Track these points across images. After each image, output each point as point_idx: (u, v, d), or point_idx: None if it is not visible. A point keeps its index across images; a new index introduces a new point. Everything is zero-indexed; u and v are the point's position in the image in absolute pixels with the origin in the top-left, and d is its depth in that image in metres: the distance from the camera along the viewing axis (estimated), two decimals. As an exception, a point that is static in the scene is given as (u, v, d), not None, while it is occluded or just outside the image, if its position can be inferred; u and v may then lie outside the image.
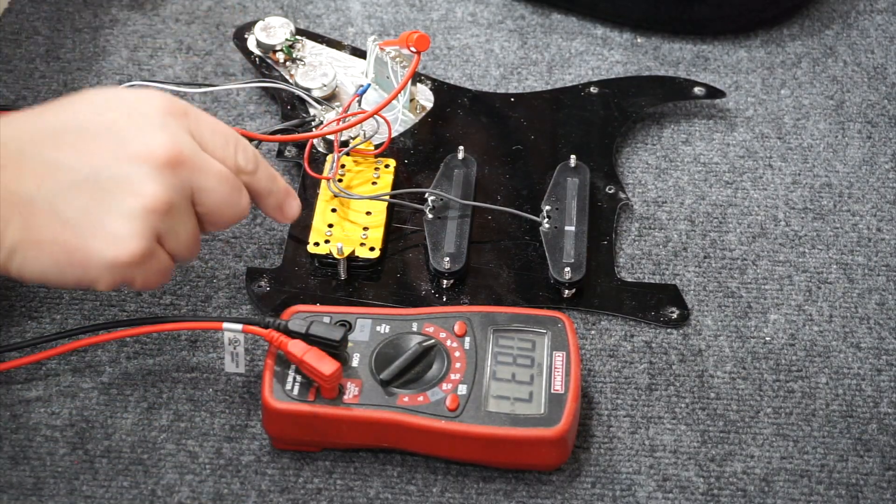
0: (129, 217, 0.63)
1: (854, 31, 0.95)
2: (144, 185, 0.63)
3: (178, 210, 0.65)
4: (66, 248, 0.63)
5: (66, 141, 0.64)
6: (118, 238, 0.63)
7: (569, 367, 0.69)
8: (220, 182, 0.66)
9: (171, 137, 0.64)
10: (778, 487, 0.70)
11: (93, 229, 0.63)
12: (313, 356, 0.67)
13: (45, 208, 0.63)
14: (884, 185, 0.85)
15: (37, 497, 0.68)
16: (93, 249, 0.63)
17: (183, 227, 0.65)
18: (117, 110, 0.65)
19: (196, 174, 0.65)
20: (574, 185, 0.81)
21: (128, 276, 0.64)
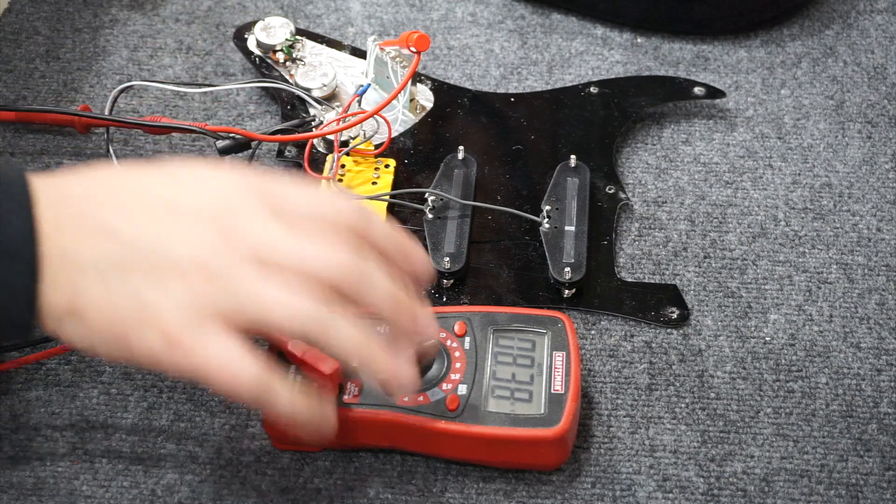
0: (175, 299, 0.59)
1: (854, 31, 0.95)
2: (195, 266, 0.59)
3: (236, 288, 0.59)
4: (108, 323, 0.59)
5: (145, 212, 0.60)
6: (160, 323, 0.59)
7: (569, 367, 0.69)
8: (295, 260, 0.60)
9: (255, 228, 0.60)
10: (778, 487, 0.70)
11: (134, 309, 0.59)
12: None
13: (94, 278, 0.59)
14: (884, 185, 0.85)
15: (37, 497, 0.68)
16: (132, 332, 0.59)
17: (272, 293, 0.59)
18: (212, 192, 0.61)
19: (267, 254, 0.60)
20: (574, 185, 0.81)
21: (169, 365, 0.59)
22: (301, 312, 0.59)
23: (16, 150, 0.85)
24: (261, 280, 0.59)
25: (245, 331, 0.60)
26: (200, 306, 0.59)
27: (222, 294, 0.59)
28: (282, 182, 0.63)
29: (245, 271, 0.59)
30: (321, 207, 0.62)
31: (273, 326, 0.60)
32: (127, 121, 0.83)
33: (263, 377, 0.59)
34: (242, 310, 0.59)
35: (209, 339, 0.59)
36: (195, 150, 0.85)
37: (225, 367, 0.59)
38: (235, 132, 0.80)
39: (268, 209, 0.61)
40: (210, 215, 0.61)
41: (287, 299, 0.59)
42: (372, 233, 0.63)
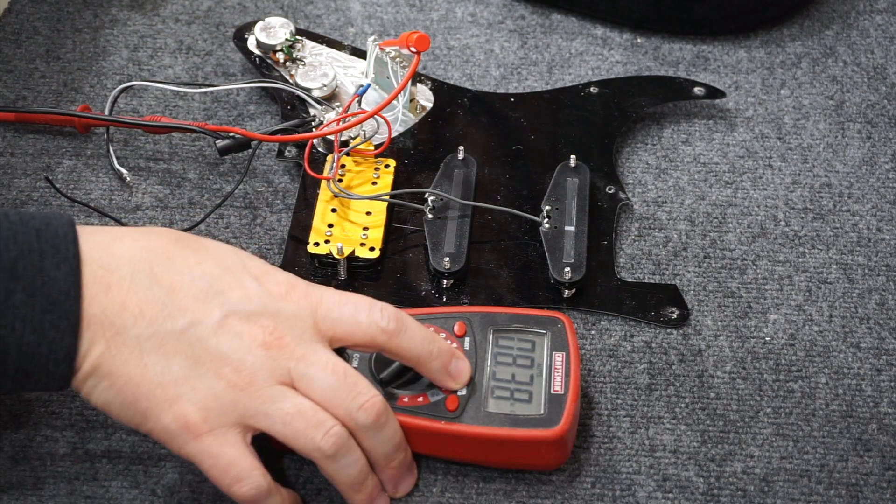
0: (202, 390, 0.61)
1: (854, 31, 0.95)
2: (229, 365, 0.61)
3: (264, 396, 0.62)
4: (133, 395, 0.61)
5: (198, 296, 0.62)
6: (181, 411, 0.61)
7: (569, 367, 0.69)
8: (327, 374, 0.63)
9: (274, 323, 0.62)
10: (778, 487, 0.70)
11: (163, 388, 0.61)
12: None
13: (131, 344, 0.60)
14: (884, 185, 0.85)
15: (37, 497, 0.68)
16: (153, 410, 0.61)
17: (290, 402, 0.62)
18: (271, 302, 0.63)
19: (297, 364, 0.62)
20: (574, 185, 0.81)
21: (182, 450, 0.62)
22: (315, 449, 0.62)
23: (16, 150, 0.85)
24: (289, 405, 0.62)
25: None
26: (227, 408, 0.61)
27: (252, 405, 0.62)
28: (339, 310, 0.64)
29: (278, 391, 0.62)
30: (374, 337, 0.65)
31: (287, 445, 0.63)
32: (127, 121, 0.83)
33: (263, 490, 0.62)
34: (264, 426, 0.62)
35: (224, 439, 0.61)
36: (195, 149, 0.85)
37: (232, 471, 0.62)
38: (235, 132, 0.80)
39: (319, 335, 0.63)
40: (262, 323, 0.62)
41: (307, 433, 0.62)
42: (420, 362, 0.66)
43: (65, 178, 0.84)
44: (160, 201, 0.83)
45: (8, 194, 0.83)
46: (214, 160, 0.84)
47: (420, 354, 0.65)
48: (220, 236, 0.81)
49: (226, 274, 0.63)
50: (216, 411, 0.61)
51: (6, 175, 0.84)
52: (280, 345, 0.62)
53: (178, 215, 0.82)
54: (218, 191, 0.83)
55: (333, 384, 0.63)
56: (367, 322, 0.64)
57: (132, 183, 0.83)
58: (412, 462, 0.67)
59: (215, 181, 0.84)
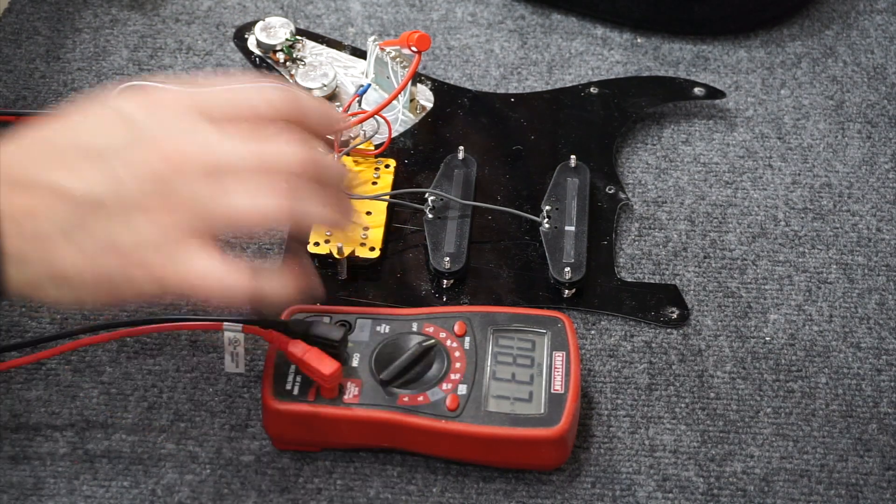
0: (146, 241, 0.60)
1: (854, 31, 0.95)
2: (155, 203, 0.60)
3: (199, 206, 0.61)
4: (92, 279, 0.60)
5: (64, 162, 0.60)
6: (141, 267, 0.60)
7: (569, 367, 0.69)
8: (249, 159, 0.62)
9: (174, 143, 0.61)
10: (778, 487, 0.70)
11: (112, 258, 0.60)
12: (313, 356, 0.67)
13: (58, 240, 0.60)
14: (884, 185, 0.85)
15: (37, 497, 0.68)
16: (117, 278, 0.60)
17: (227, 204, 0.61)
18: (119, 123, 0.62)
19: (212, 162, 0.61)
20: (574, 185, 0.81)
21: (166, 290, 0.61)
22: (269, 211, 0.61)
23: (16, 150, 0.85)
24: (220, 193, 0.61)
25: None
26: (173, 234, 0.60)
27: (188, 216, 0.60)
28: (210, 89, 0.64)
29: (203, 188, 0.61)
30: (256, 106, 0.63)
31: (247, 228, 0.63)
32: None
33: (250, 278, 0.62)
34: (213, 224, 0.61)
35: (191, 260, 0.60)
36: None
37: (216, 281, 0.61)
38: None
39: (206, 120, 0.62)
40: (150, 145, 0.61)
41: (251, 202, 0.61)
42: (306, 116, 0.65)
43: (65, 178, 0.84)
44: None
45: (8, 194, 0.83)
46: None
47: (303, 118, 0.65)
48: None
49: (106, 129, 0.62)
50: (170, 243, 0.60)
51: (6, 175, 0.84)
52: (178, 149, 0.61)
53: (178, 215, 0.82)
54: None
55: (246, 140, 0.62)
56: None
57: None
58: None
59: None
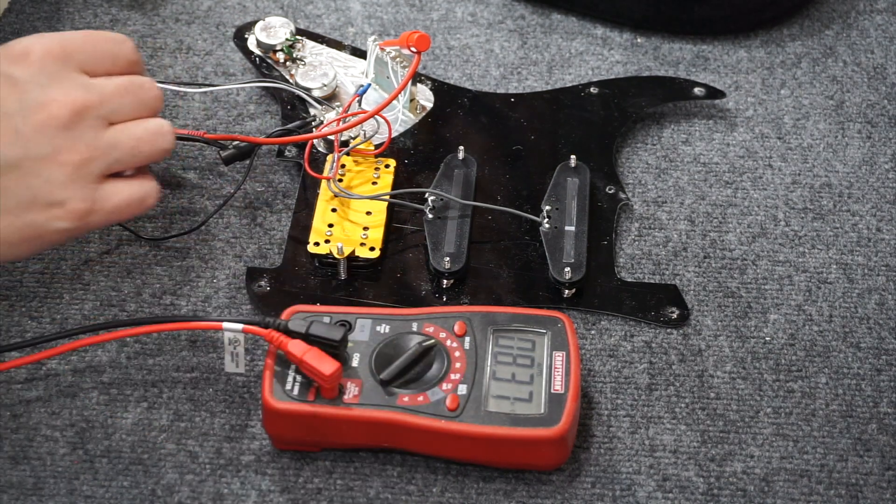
0: (63, 185, 0.65)
1: (854, 31, 0.95)
2: (62, 150, 0.65)
3: (104, 147, 0.67)
4: (19, 235, 0.66)
5: None
6: (62, 210, 0.66)
7: (569, 367, 0.69)
8: (124, 95, 0.68)
9: (63, 92, 0.66)
10: (778, 487, 0.70)
11: (36, 211, 0.65)
12: (313, 356, 0.67)
13: None
14: (884, 185, 0.85)
15: (37, 497, 0.68)
16: (42, 228, 0.66)
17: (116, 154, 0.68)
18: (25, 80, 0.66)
19: (103, 106, 0.67)
20: (574, 185, 0.81)
21: (90, 225, 0.68)
22: (161, 131, 0.70)
23: (16, 150, 0.85)
24: (117, 129, 0.68)
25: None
26: (88, 176, 0.67)
27: (97, 157, 0.67)
28: (72, 36, 0.69)
29: (101, 130, 0.67)
30: (116, 54, 0.70)
31: (147, 155, 0.69)
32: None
33: (158, 189, 0.71)
34: (119, 158, 0.68)
35: (108, 193, 0.68)
36: (195, 149, 0.85)
37: (135, 202, 0.69)
38: (236, 139, 0.81)
39: (80, 69, 0.68)
40: (43, 100, 0.66)
41: (144, 129, 0.69)
42: (139, 58, 0.72)
43: (65, 178, 0.84)
44: (160, 201, 0.82)
45: (8, 194, 0.83)
46: (214, 160, 0.84)
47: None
48: (220, 236, 0.81)
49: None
50: (79, 192, 0.66)
51: (6, 175, 0.84)
52: (79, 109, 0.66)
53: (178, 215, 0.82)
54: (218, 191, 0.83)
55: (129, 98, 0.69)
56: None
57: (132, 183, 0.83)
58: None
59: (215, 181, 0.84)
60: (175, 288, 0.78)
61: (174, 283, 0.78)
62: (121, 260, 0.79)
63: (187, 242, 0.80)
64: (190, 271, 0.79)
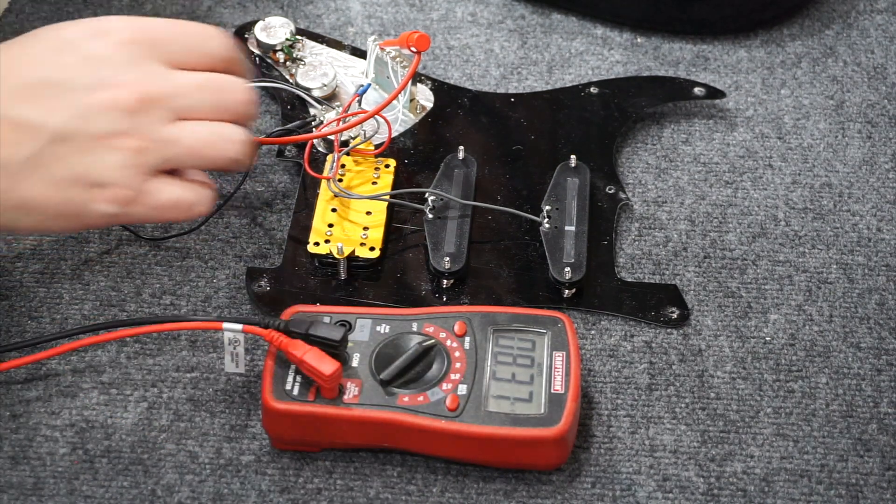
0: (111, 169, 0.63)
1: (854, 31, 0.95)
2: (120, 134, 0.63)
3: (164, 141, 0.65)
4: (57, 209, 0.64)
5: (29, 95, 0.63)
6: (105, 193, 0.64)
7: (569, 367, 0.69)
8: (202, 92, 0.66)
9: (135, 77, 0.64)
10: (778, 487, 0.70)
11: (79, 188, 0.63)
12: (313, 356, 0.67)
13: (24, 171, 0.62)
14: (884, 185, 0.85)
15: (37, 497, 0.68)
16: (81, 207, 0.64)
17: (178, 144, 0.65)
18: (74, 54, 0.64)
19: (175, 100, 0.65)
20: (574, 185, 0.81)
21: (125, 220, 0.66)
22: (233, 161, 0.67)
23: (16, 150, 0.85)
24: (181, 128, 0.65)
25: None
26: (141, 166, 0.64)
27: (153, 151, 0.64)
28: (155, 22, 0.67)
29: (165, 125, 0.65)
30: (206, 49, 0.68)
31: (208, 162, 0.66)
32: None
33: (213, 198, 0.68)
34: (175, 158, 0.65)
35: (158, 188, 0.65)
36: (195, 150, 0.85)
37: (183, 204, 0.66)
38: None
39: (158, 58, 0.65)
40: (113, 80, 0.64)
41: (210, 137, 0.66)
42: (236, 56, 0.69)
43: (65, 177, 0.84)
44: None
45: (8, 194, 0.83)
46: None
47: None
48: (220, 236, 0.81)
49: (64, 63, 0.64)
50: (130, 181, 0.64)
51: (6, 175, 0.84)
52: (147, 97, 0.64)
53: (178, 215, 0.82)
54: (218, 190, 0.83)
55: (207, 96, 0.66)
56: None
57: (132, 183, 0.83)
58: None
59: (215, 181, 0.84)
60: (175, 288, 0.78)
61: (174, 283, 0.78)
62: (121, 260, 0.79)
63: (187, 242, 0.80)
64: (190, 271, 0.79)
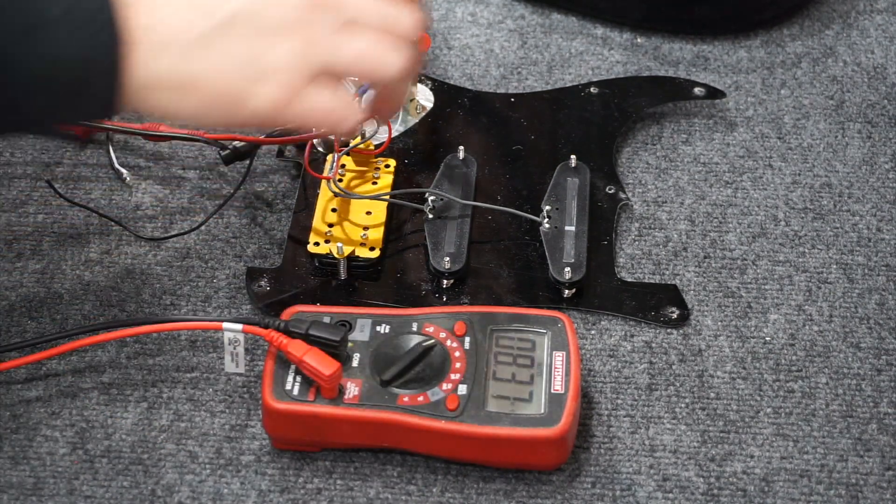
0: (279, 61, 0.62)
1: (854, 31, 0.95)
2: (294, 27, 0.63)
3: (332, 43, 0.64)
4: (219, 93, 0.62)
5: None
6: (267, 87, 0.62)
7: (569, 366, 0.69)
8: (372, 5, 0.65)
9: None
10: (778, 487, 0.70)
11: (244, 76, 0.62)
12: (313, 356, 0.67)
13: (188, 47, 0.61)
14: (884, 185, 0.85)
15: (37, 497, 0.68)
16: (239, 98, 0.62)
17: (350, 46, 0.64)
18: None
19: (347, 9, 0.64)
20: (574, 185, 0.81)
21: (283, 118, 0.64)
22: (392, 75, 0.65)
23: (16, 149, 0.85)
24: (353, 37, 0.64)
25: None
26: (308, 63, 0.63)
27: (322, 52, 0.63)
28: None
29: (339, 30, 0.64)
30: None
31: (368, 74, 0.66)
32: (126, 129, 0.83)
33: (361, 119, 0.67)
34: (340, 63, 0.64)
35: (315, 92, 0.64)
36: (195, 149, 0.85)
37: (333, 115, 0.65)
38: (236, 139, 0.81)
39: None
40: None
41: (378, 52, 0.65)
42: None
43: (65, 177, 0.84)
44: (160, 201, 0.83)
45: (8, 194, 0.83)
46: (214, 160, 0.84)
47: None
48: (220, 236, 0.81)
49: None
50: (294, 75, 0.63)
51: (6, 175, 0.84)
52: (321, 1, 0.64)
53: (178, 215, 0.82)
54: (218, 190, 0.83)
55: (379, 10, 0.65)
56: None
57: (132, 183, 0.84)
58: None
59: (215, 181, 0.84)
60: (175, 288, 0.78)
61: (174, 283, 0.78)
62: (121, 260, 0.79)
63: (187, 242, 0.80)
64: (190, 271, 0.79)
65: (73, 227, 0.81)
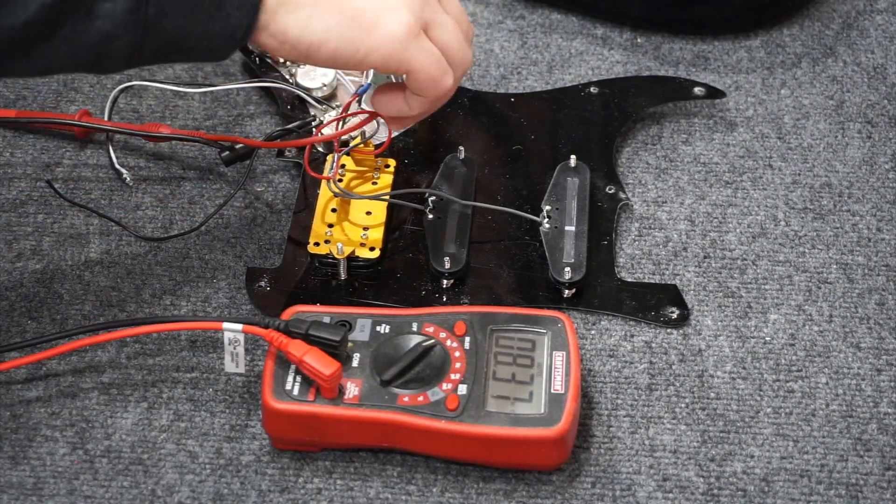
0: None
1: (854, 31, 0.95)
2: None
3: (439, 9, 0.68)
4: (355, 13, 0.65)
5: None
6: (399, 16, 0.66)
7: (569, 366, 0.69)
8: (461, 13, 0.71)
9: None
10: (778, 487, 0.70)
11: (365, 25, 0.65)
12: (313, 356, 0.67)
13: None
14: (884, 185, 0.85)
15: (37, 497, 0.68)
16: (375, 22, 0.65)
17: (447, 20, 0.69)
18: None
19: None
20: (574, 185, 0.81)
21: (403, 55, 0.67)
22: (465, 50, 0.70)
23: (16, 149, 0.85)
24: (450, 20, 0.69)
25: None
26: (424, 12, 0.67)
27: (432, 12, 0.68)
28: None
29: (441, 10, 0.69)
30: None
31: (445, 49, 0.69)
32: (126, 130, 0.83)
33: (452, 80, 0.70)
34: (445, 23, 0.69)
35: (427, 42, 0.68)
36: (195, 149, 0.85)
37: (442, 64, 0.68)
38: (237, 140, 0.81)
39: None
40: None
41: (461, 38, 0.70)
42: None
43: (65, 177, 0.84)
44: (160, 201, 0.83)
45: (8, 194, 0.83)
46: (214, 160, 0.84)
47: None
48: (220, 236, 0.81)
49: None
50: (418, 13, 0.67)
51: (6, 175, 0.84)
52: None
53: (178, 215, 0.82)
54: (218, 190, 0.83)
55: (462, 17, 0.72)
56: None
57: (132, 183, 0.84)
58: None
59: (215, 181, 0.84)
60: (175, 288, 0.78)
61: (174, 283, 0.78)
62: (121, 260, 0.79)
63: (187, 242, 0.80)
64: (190, 271, 0.79)
65: (73, 227, 0.81)
